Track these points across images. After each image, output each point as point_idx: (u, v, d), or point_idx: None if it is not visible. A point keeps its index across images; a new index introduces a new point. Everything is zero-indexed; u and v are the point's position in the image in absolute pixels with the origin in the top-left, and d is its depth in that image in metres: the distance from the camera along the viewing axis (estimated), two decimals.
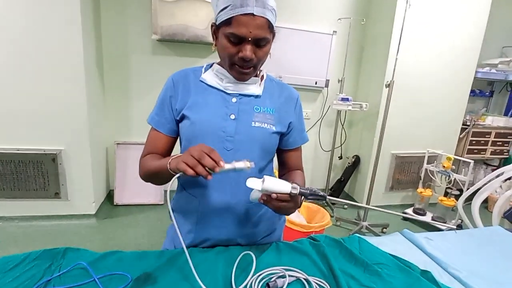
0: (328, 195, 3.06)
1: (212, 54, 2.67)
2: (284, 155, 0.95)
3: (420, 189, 2.86)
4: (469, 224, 2.11)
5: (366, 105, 2.64)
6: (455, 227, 1.21)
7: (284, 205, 0.70)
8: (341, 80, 2.80)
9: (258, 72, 0.89)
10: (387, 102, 2.30)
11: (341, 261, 0.86)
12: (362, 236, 0.99)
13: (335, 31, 2.81)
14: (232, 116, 0.82)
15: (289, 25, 2.73)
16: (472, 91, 3.01)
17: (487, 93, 3.35)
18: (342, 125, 3.05)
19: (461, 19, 2.70)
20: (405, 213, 2.87)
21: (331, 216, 2.79)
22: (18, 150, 2.18)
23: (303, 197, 0.74)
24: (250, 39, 0.72)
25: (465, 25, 2.73)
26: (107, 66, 2.55)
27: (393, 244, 0.97)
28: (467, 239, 1.04)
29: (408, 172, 3.03)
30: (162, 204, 2.68)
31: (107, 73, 2.57)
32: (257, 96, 0.85)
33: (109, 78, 2.58)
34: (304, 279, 0.76)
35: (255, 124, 0.82)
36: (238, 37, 0.72)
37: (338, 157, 3.20)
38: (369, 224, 2.56)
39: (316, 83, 2.91)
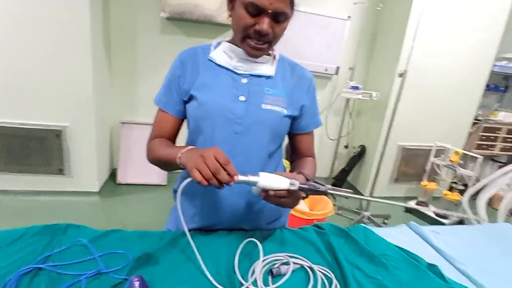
0: (332, 184, 3.05)
1: (222, 34, 2.61)
2: (295, 140, 0.91)
3: (424, 182, 2.83)
4: (473, 218, 2.09)
5: (376, 94, 2.57)
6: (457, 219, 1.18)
7: (283, 201, 0.67)
8: (352, 68, 2.72)
9: (271, 52, 0.85)
10: (399, 92, 2.24)
11: (346, 250, 0.84)
12: (368, 226, 0.97)
13: (350, 16, 2.71)
14: (242, 98, 0.78)
15: (301, 7, 2.64)
16: (487, 85, 2.91)
17: (502, 88, 3.25)
18: (350, 114, 2.99)
19: (481, 10, 2.58)
20: (409, 203, 2.85)
21: (334, 205, 2.78)
22: (22, 125, 2.17)
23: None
24: (270, 11, 0.67)
25: (485, 16, 2.61)
26: (114, 44, 2.50)
27: (399, 236, 0.95)
28: (476, 234, 1.02)
29: (414, 164, 2.99)
30: (165, 185, 2.68)
31: (115, 51, 2.52)
32: (268, 77, 0.81)
33: (117, 57, 2.54)
34: (308, 267, 0.74)
35: (265, 106, 0.78)
36: (257, 7, 0.67)
37: (344, 146, 3.17)
38: (371, 215, 2.55)
39: (326, 70, 2.83)
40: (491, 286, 0.77)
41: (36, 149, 2.25)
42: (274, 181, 0.65)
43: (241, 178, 0.64)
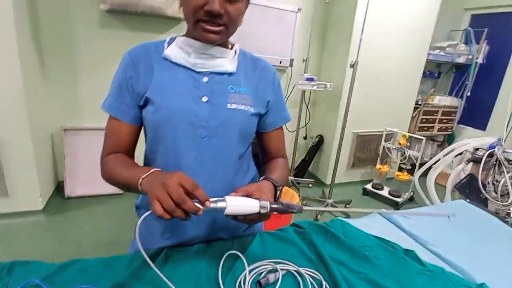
0: (293, 175, 3.11)
1: (172, 29, 2.45)
2: (263, 139, 0.86)
3: (378, 166, 3.02)
4: (424, 196, 2.29)
5: (330, 85, 2.65)
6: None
7: (253, 222, 0.64)
8: (305, 60, 2.76)
9: (231, 46, 0.79)
10: (351, 82, 2.33)
11: (328, 247, 0.83)
12: (344, 219, 0.98)
13: (300, 9, 2.74)
14: (204, 99, 0.71)
15: (253, 0, 2.59)
16: (423, 73, 3.19)
17: (436, 74, 3.59)
18: (307, 105, 3.06)
19: (416, 2, 2.80)
20: (365, 189, 3.03)
21: (299, 195, 2.84)
22: None
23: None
24: None
25: (419, 8, 2.83)
26: (46, 40, 2.19)
27: (374, 225, 0.98)
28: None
29: (368, 149, 3.18)
30: (121, 194, 2.47)
31: (48, 48, 2.21)
32: (230, 74, 0.75)
33: (50, 55, 2.23)
34: (295, 271, 0.72)
35: (231, 106, 0.72)
36: None
37: (303, 137, 3.24)
38: (333, 201, 2.65)
39: (280, 63, 2.84)
40: (462, 264, 0.82)
41: None
42: (243, 207, 0.60)
43: (213, 204, 0.58)
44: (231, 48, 0.77)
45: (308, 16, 2.76)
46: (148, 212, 0.56)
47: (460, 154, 2.01)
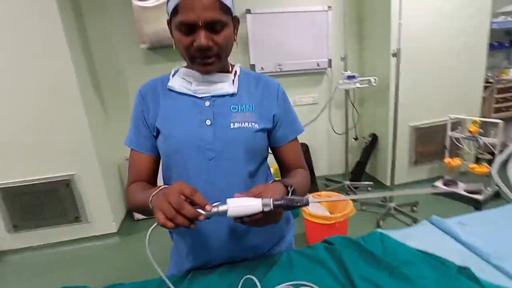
0: (349, 179, 2.93)
1: None
2: (278, 154, 0.84)
3: (447, 159, 2.66)
4: (507, 191, 1.91)
5: (374, 79, 2.46)
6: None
7: (262, 223, 0.61)
8: (344, 57, 2.62)
9: (230, 68, 0.80)
10: (396, 72, 2.13)
11: (361, 265, 0.75)
12: (384, 232, 0.87)
13: (330, 7, 2.63)
14: (208, 122, 0.73)
15: (280, 8, 2.58)
16: (490, 45, 2.74)
17: (507, 44, 3.05)
18: (353, 105, 2.88)
19: None
20: (434, 186, 2.69)
21: (355, 201, 2.66)
22: (32, 182, 2.20)
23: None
24: (201, 24, 0.63)
25: None
26: (103, 83, 2.52)
27: (421, 236, 0.85)
28: (506, 219, 0.90)
29: (431, 143, 2.83)
30: None
31: (105, 90, 2.54)
32: (232, 95, 0.75)
33: (108, 95, 2.56)
34: None
35: (234, 125, 0.73)
36: (187, 24, 0.64)
37: (354, 138, 3.04)
38: (396, 205, 2.41)
39: (318, 65, 2.75)
40: None
41: (49, 201, 2.27)
42: (245, 206, 0.58)
43: (214, 209, 0.58)
44: (231, 70, 0.78)
45: (340, 12, 2.63)
46: (155, 224, 0.57)
47: None
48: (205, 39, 0.64)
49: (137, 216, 2.62)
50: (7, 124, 2.08)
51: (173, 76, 0.79)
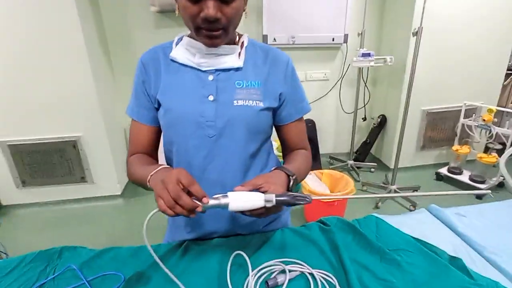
0: (354, 159, 2.91)
1: None
2: (281, 132, 0.82)
3: (456, 146, 2.60)
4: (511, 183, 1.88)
5: (391, 58, 2.35)
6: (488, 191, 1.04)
7: (263, 216, 0.61)
8: (361, 34, 2.49)
9: (238, 38, 0.75)
10: (414, 53, 2.02)
11: (354, 249, 0.76)
12: (380, 216, 0.87)
13: None
14: (211, 97, 0.70)
15: None
16: None
17: None
18: (365, 84, 2.79)
19: None
20: (438, 173, 2.66)
21: (357, 181, 2.66)
22: (40, 140, 2.24)
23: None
24: None
25: None
26: (112, 46, 2.46)
27: (417, 224, 0.85)
28: (506, 213, 0.89)
29: (442, 128, 2.76)
30: None
31: (113, 52, 2.49)
32: (237, 69, 0.71)
33: (116, 58, 2.51)
34: (308, 273, 0.68)
35: (237, 102, 0.70)
36: None
37: (362, 119, 2.98)
38: (398, 188, 2.41)
39: (333, 40, 2.63)
40: None
41: (57, 160, 2.33)
42: (246, 201, 0.57)
43: (212, 201, 0.57)
44: (238, 41, 0.74)
45: None
46: (156, 210, 0.58)
47: None
48: (213, 10, 0.59)
49: None
50: (17, 84, 2.07)
51: (176, 45, 0.75)
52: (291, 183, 0.66)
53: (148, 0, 2.27)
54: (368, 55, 2.34)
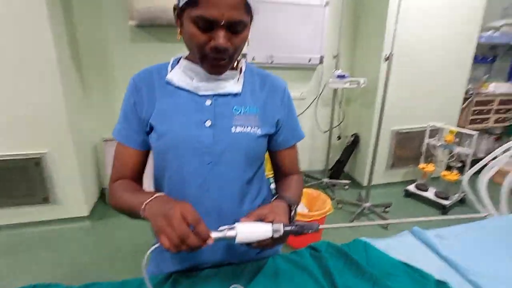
0: (328, 177, 2.99)
1: None
2: (275, 157, 0.82)
3: (422, 165, 2.77)
4: (474, 200, 2.03)
5: (364, 81, 2.49)
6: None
7: (269, 247, 0.60)
8: (336, 56, 2.62)
9: (236, 63, 0.75)
10: (386, 76, 2.16)
11: (346, 275, 0.76)
12: (368, 241, 0.89)
13: (328, 2, 2.60)
14: (208, 123, 0.68)
15: None
16: (474, 58, 2.84)
17: (489, 59, 3.18)
18: (340, 104, 2.91)
19: None
20: (407, 190, 2.80)
21: (332, 199, 2.72)
22: None
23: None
24: (223, 23, 0.57)
25: None
26: (84, 59, 2.36)
27: (403, 247, 0.88)
28: (483, 233, 0.95)
29: (409, 148, 2.93)
30: None
31: (86, 66, 2.38)
32: (236, 94, 0.71)
33: (88, 71, 2.39)
34: None
35: (235, 129, 0.69)
36: (208, 21, 0.57)
37: (337, 137, 3.09)
38: (371, 205, 2.49)
39: (310, 61, 2.73)
40: None
41: (17, 180, 2.13)
42: (254, 232, 0.57)
43: (216, 235, 0.55)
44: (237, 66, 0.74)
45: (337, 9, 2.61)
46: (157, 245, 0.54)
47: None
48: (224, 40, 0.59)
49: None
50: None
51: (171, 66, 0.73)
52: (293, 213, 0.66)
53: (126, 14, 2.22)
54: (343, 76, 2.46)
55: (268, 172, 0.90)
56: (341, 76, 2.46)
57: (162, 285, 0.72)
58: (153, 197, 0.60)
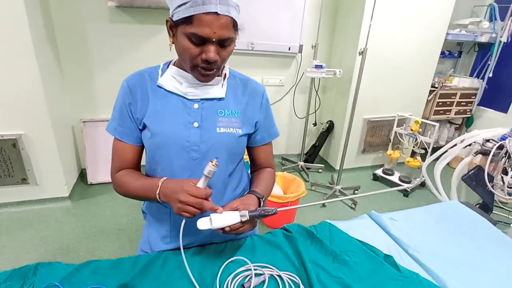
0: (304, 160, 3.16)
1: None
2: (252, 152, 0.94)
3: (389, 151, 3.00)
4: (431, 185, 2.28)
5: (339, 71, 2.61)
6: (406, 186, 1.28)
7: (241, 230, 0.73)
8: (314, 46, 2.71)
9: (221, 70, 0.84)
10: (360, 70, 2.29)
11: (312, 252, 0.91)
12: (332, 222, 1.04)
13: None
14: (196, 124, 0.78)
15: None
16: (442, 52, 3.04)
17: (456, 54, 3.40)
18: (316, 92, 3.03)
19: None
20: (375, 174, 3.04)
21: (306, 181, 2.91)
22: None
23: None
24: (214, 40, 0.66)
25: None
26: (60, 39, 2.28)
27: (361, 228, 1.04)
28: (428, 217, 1.13)
29: (379, 135, 3.15)
30: None
31: (62, 46, 2.31)
32: (220, 99, 0.81)
33: (65, 52, 2.33)
34: (277, 275, 0.80)
35: (220, 130, 0.79)
36: (201, 38, 0.66)
37: (313, 124, 3.24)
38: (342, 188, 2.70)
39: (289, 49, 2.80)
40: (439, 270, 0.87)
41: None
42: (226, 219, 0.71)
43: (200, 183, 0.72)
44: (221, 73, 0.82)
45: (318, 0, 2.67)
46: (184, 221, 0.72)
47: (470, 145, 1.97)
48: (214, 54, 0.67)
49: (91, 180, 2.57)
50: None
51: (162, 71, 0.80)
52: (262, 203, 0.78)
53: None
54: (321, 67, 2.56)
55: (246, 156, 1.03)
56: (318, 66, 2.56)
57: (155, 261, 0.83)
58: (162, 182, 0.74)
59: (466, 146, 1.97)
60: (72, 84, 2.44)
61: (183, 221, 0.71)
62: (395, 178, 2.96)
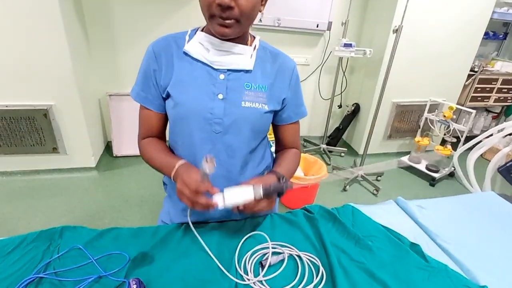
0: (326, 143, 3.09)
1: None
2: (278, 130, 0.90)
3: (417, 138, 2.86)
4: (462, 176, 2.15)
5: (370, 51, 2.46)
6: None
7: (258, 209, 0.69)
8: (344, 23, 2.56)
9: (251, 39, 0.79)
10: (393, 49, 2.14)
11: (333, 234, 0.88)
12: (355, 205, 1.00)
13: None
14: (220, 96, 0.74)
15: None
16: (485, 33, 2.78)
17: (501, 36, 3.11)
18: (344, 72, 2.90)
19: None
20: (400, 161, 2.92)
21: (328, 164, 2.85)
22: (7, 107, 2.10)
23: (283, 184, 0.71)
24: None
25: None
26: (88, 15, 2.31)
27: (386, 214, 0.99)
28: (460, 207, 1.06)
29: (408, 120, 3.00)
30: None
31: (90, 22, 2.33)
32: (247, 71, 0.76)
33: (92, 28, 2.36)
34: (296, 255, 0.79)
35: (245, 104, 0.75)
36: None
37: (338, 106, 3.13)
38: (364, 173, 2.62)
39: (317, 26, 2.67)
40: (469, 263, 0.82)
41: (27, 129, 2.21)
42: (238, 196, 0.67)
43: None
44: (251, 43, 0.78)
45: None
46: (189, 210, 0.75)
47: (510, 134, 1.82)
48: None
49: (116, 152, 2.65)
50: None
51: (189, 37, 0.77)
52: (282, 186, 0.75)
53: None
54: (350, 45, 2.43)
55: (269, 135, 0.98)
56: (347, 45, 2.43)
57: (174, 233, 0.84)
58: (179, 166, 0.73)
59: (506, 136, 1.82)
60: (99, 59, 2.48)
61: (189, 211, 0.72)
62: (422, 166, 2.82)
